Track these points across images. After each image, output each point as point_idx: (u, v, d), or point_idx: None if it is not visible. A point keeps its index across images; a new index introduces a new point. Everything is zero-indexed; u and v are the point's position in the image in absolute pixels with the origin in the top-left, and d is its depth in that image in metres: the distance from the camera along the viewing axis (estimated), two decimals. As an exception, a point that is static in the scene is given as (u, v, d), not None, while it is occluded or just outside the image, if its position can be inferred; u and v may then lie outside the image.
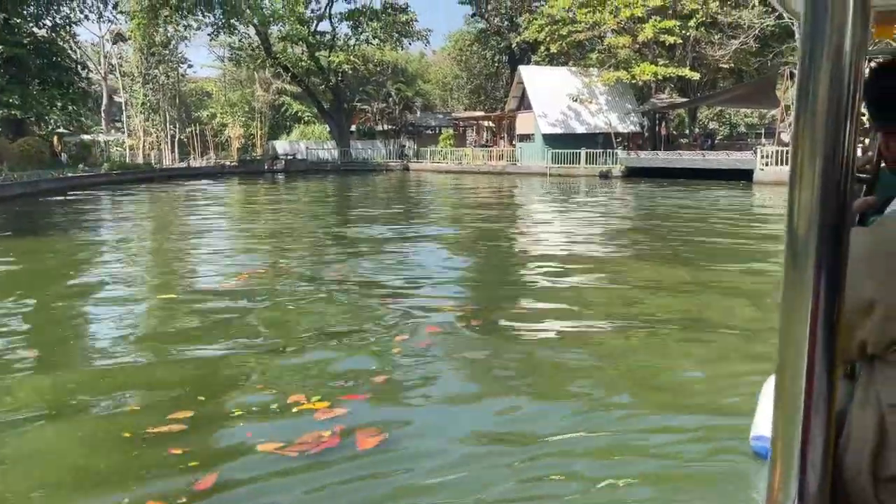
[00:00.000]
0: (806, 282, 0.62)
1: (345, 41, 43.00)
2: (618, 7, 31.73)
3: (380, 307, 7.26)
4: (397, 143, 45.20)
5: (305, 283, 8.63)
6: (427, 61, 74.43)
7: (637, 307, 7.31)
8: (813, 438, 0.65)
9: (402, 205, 21.33)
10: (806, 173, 0.60)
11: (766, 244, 12.25)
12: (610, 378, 5.18)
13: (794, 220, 0.62)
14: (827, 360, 0.63)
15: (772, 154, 26.53)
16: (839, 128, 0.59)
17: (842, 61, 0.58)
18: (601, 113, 36.64)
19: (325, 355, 5.73)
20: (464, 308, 7.24)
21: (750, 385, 4.37)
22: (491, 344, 6.07)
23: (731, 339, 6.06)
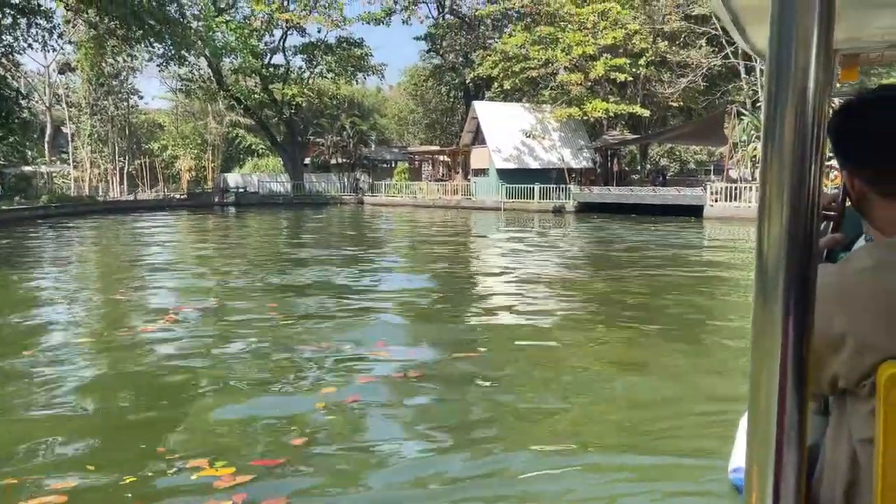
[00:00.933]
0: (775, 317, 0.63)
1: (298, 74, 42.71)
2: (570, 45, 32.16)
3: (310, 354, 6.78)
4: (352, 176, 44.82)
5: (232, 325, 8.09)
6: (384, 96, 74.76)
7: (591, 346, 7.00)
8: (786, 472, 0.66)
9: (350, 241, 20.86)
10: (774, 210, 0.62)
11: (717, 275, 12.23)
12: (567, 422, 4.82)
13: (763, 256, 0.63)
14: (798, 394, 0.64)
15: (721, 190, 26.91)
16: (805, 166, 0.61)
17: (806, 101, 0.60)
18: (554, 149, 36.92)
19: (239, 411, 5.22)
20: (403, 355, 6.81)
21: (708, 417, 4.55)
22: (430, 394, 5.65)
23: (692, 378, 5.78)
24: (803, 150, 0.61)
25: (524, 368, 6.48)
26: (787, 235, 0.62)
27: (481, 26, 43.97)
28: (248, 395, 5.63)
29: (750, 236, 20.89)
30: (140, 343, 7.29)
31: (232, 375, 6.12)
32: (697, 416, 5.10)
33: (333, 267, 13.70)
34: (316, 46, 42.14)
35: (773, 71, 0.61)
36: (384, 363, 6.52)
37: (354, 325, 8.22)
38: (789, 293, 0.63)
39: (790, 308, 0.63)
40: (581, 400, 5.52)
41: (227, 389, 5.74)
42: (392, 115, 66.27)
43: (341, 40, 42.26)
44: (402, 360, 6.58)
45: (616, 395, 5.65)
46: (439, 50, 46.63)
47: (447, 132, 52.05)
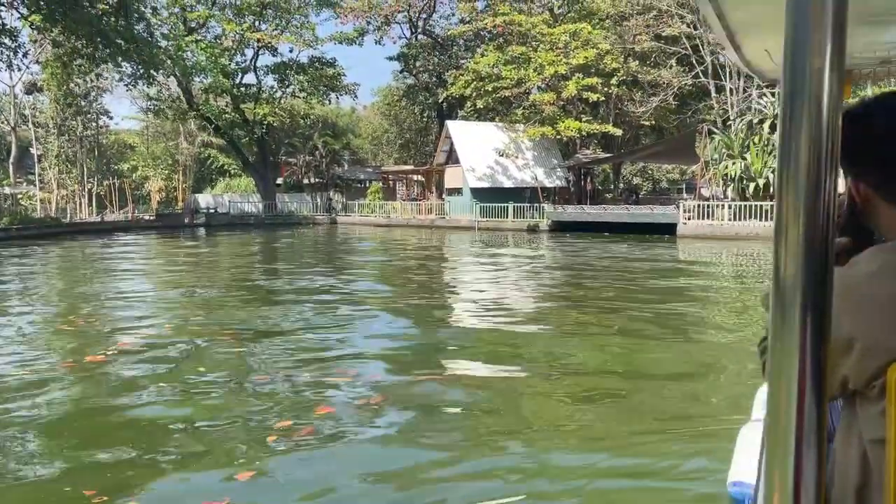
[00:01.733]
0: (793, 324, 0.65)
1: (270, 94, 42.36)
2: (542, 65, 32.25)
3: (266, 384, 6.41)
4: (325, 196, 44.42)
5: (184, 354, 7.69)
6: (358, 116, 74.71)
7: (567, 365, 6.72)
8: (806, 476, 0.67)
9: (320, 262, 20.47)
10: (790, 223, 0.64)
11: (694, 292, 12.08)
12: (542, 449, 4.51)
13: (781, 266, 0.65)
14: (816, 401, 0.66)
15: (693, 208, 26.98)
16: (820, 179, 0.63)
17: (821, 116, 0.62)
18: (528, 167, 36.91)
19: (180, 446, 4.84)
20: (366, 380, 6.46)
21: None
22: (392, 423, 5.31)
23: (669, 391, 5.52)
24: (818, 163, 0.63)
25: (496, 392, 6.17)
26: (803, 246, 0.63)
27: (454, 46, 44.09)
28: (193, 429, 5.25)
29: (723, 254, 20.91)
30: (84, 374, 6.86)
31: (176, 408, 5.73)
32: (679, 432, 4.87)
33: (299, 290, 13.32)
34: (288, 66, 41.87)
35: (788, 87, 0.63)
36: (346, 390, 6.18)
37: (318, 350, 7.86)
38: (807, 300, 0.65)
39: (807, 314, 0.65)
40: (557, 420, 5.23)
41: (170, 422, 5.35)
42: (366, 135, 66.11)
43: (314, 60, 42.06)
44: (366, 386, 6.26)
45: (588, 422, 5.37)
46: (412, 70, 46.62)
47: (421, 151, 51.98)
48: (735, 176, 25.89)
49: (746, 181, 25.68)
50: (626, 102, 35.28)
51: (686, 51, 31.37)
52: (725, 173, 26.36)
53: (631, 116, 35.67)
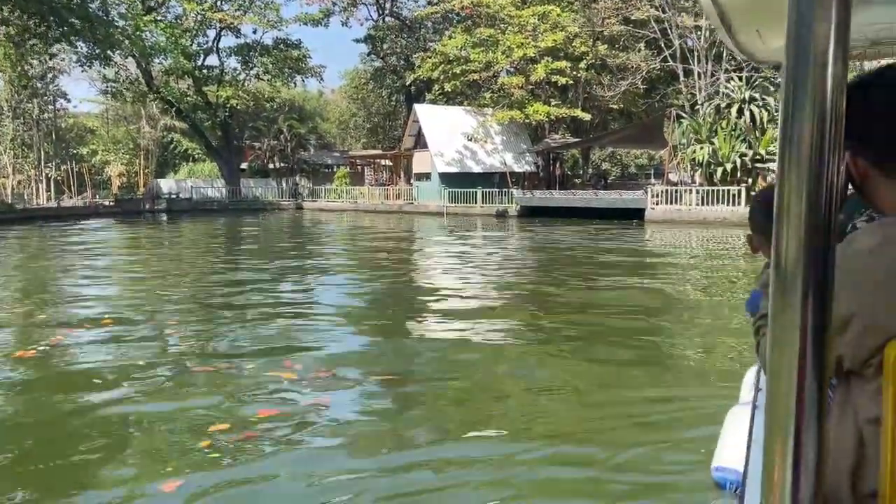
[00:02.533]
0: (795, 303, 0.65)
1: (233, 76, 41.31)
2: (510, 47, 31.82)
3: (207, 381, 5.97)
4: (291, 181, 43.58)
5: (125, 346, 7.20)
6: (325, 99, 73.62)
7: (534, 357, 6.39)
8: (806, 455, 0.68)
9: (280, 249, 19.92)
10: (793, 206, 0.64)
11: (662, 276, 11.87)
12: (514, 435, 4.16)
13: (782, 248, 0.66)
14: (816, 379, 0.67)
15: (661, 193, 26.89)
16: (823, 161, 0.63)
17: (825, 98, 0.62)
18: (497, 152, 36.55)
19: (107, 450, 4.40)
20: (320, 378, 6.04)
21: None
22: (339, 427, 4.92)
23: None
24: (822, 144, 0.63)
25: (457, 389, 5.81)
26: (805, 228, 0.64)
27: (422, 29, 43.42)
28: (121, 431, 4.81)
29: (691, 238, 20.82)
30: (12, 369, 6.35)
31: (105, 407, 5.28)
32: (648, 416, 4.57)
33: (254, 279, 12.82)
34: (251, 48, 40.85)
35: (791, 68, 0.63)
36: (294, 388, 5.76)
37: (270, 342, 7.43)
38: (808, 284, 0.64)
39: (809, 293, 0.64)
40: (529, 408, 4.89)
41: (96, 424, 4.90)
42: (334, 119, 65.13)
43: (278, 41, 41.07)
44: (315, 384, 5.86)
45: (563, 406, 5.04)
46: (380, 52, 45.86)
47: (390, 136, 51.31)
48: (703, 161, 25.81)
49: (714, 166, 25.62)
50: (594, 86, 35.03)
51: (655, 34, 31.18)
52: (693, 158, 26.28)
53: (600, 101, 35.44)
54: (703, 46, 29.98)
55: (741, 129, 25.50)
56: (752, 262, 15.95)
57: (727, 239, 19.95)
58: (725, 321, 8.63)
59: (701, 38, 29.87)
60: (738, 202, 24.45)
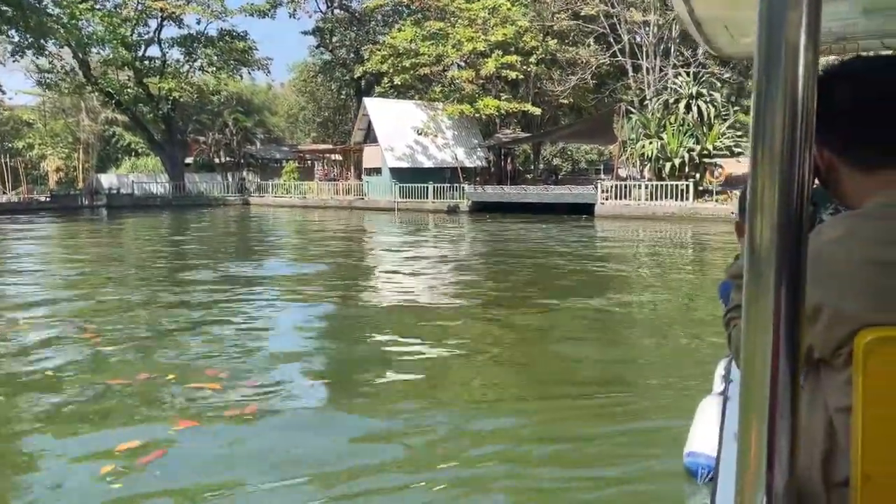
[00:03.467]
0: (768, 293, 0.66)
1: (176, 68, 39.99)
2: (460, 41, 31.51)
3: (120, 391, 5.47)
4: (238, 176, 42.47)
5: (32, 353, 6.62)
6: (275, 93, 72.27)
7: (492, 352, 6.06)
8: (779, 442, 0.69)
9: (218, 246, 19.23)
10: (766, 201, 0.65)
11: (610, 271, 11.70)
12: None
13: (756, 238, 0.66)
14: (790, 368, 0.68)
15: (611, 188, 26.96)
16: (794, 152, 0.64)
17: (796, 93, 0.63)
18: (448, 147, 36.25)
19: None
20: (247, 385, 5.61)
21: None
22: (265, 441, 4.50)
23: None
24: (793, 136, 0.64)
25: (396, 393, 5.45)
26: (778, 219, 0.65)
27: (372, 21, 42.77)
28: (18, 453, 4.31)
29: (639, 232, 20.87)
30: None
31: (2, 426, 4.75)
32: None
33: (187, 280, 12.23)
34: (195, 38, 39.59)
35: (763, 62, 0.64)
36: (216, 398, 5.32)
37: (196, 347, 6.94)
38: (781, 273, 0.65)
39: (782, 283, 0.65)
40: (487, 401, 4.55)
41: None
42: (283, 113, 63.93)
43: (223, 32, 39.90)
44: (242, 391, 5.44)
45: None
46: (329, 45, 45.03)
47: (340, 130, 50.45)
48: (651, 156, 25.96)
49: (662, 161, 25.78)
50: (545, 81, 34.97)
51: (604, 29, 31.25)
52: (642, 153, 26.40)
53: (550, 96, 35.41)
54: (651, 42, 30.17)
55: (689, 125, 25.71)
56: (701, 252, 16.03)
57: (675, 233, 20.05)
58: (683, 313, 8.47)
59: (649, 33, 30.06)
60: (685, 197, 24.65)
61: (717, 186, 25.49)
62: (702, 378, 6.02)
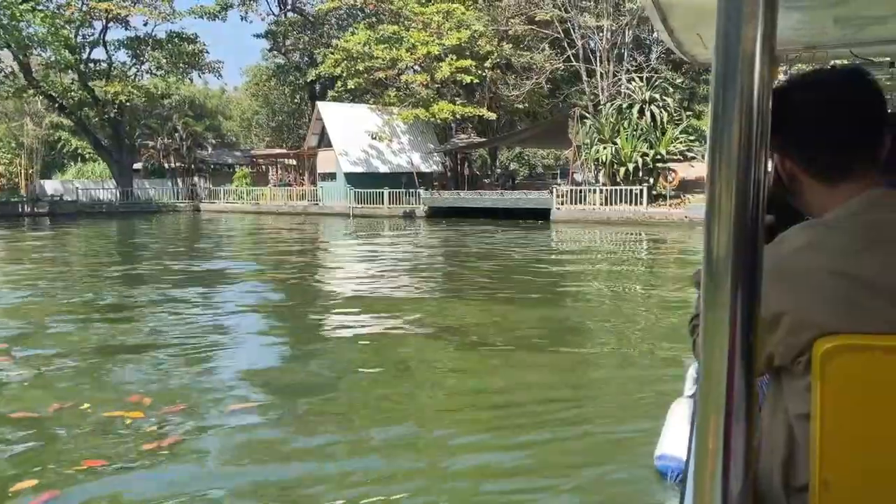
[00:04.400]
0: (725, 299, 0.67)
1: (122, 70, 38.82)
2: (414, 45, 31.20)
3: (26, 424, 4.99)
4: (188, 181, 41.40)
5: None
6: (228, 97, 70.96)
7: (451, 363, 5.73)
8: (735, 448, 0.69)
9: (160, 256, 18.54)
10: (723, 206, 0.66)
11: (564, 275, 11.51)
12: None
13: (713, 243, 0.67)
14: (746, 373, 0.68)
15: (566, 193, 26.92)
16: (751, 160, 0.65)
17: (753, 100, 0.64)
18: (404, 152, 35.90)
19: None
20: (168, 413, 5.17)
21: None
22: (181, 481, 4.09)
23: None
24: (749, 144, 0.65)
25: (336, 418, 5.07)
26: (735, 224, 0.66)
27: (326, 25, 42.19)
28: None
29: (596, 237, 20.81)
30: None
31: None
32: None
33: (118, 293, 11.63)
34: (143, 41, 38.51)
35: (720, 70, 0.65)
36: (133, 427, 4.88)
37: (117, 374, 6.45)
38: (738, 278, 0.66)
39: (738, 289, 0.66)
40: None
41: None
42: (237, 118, 62.75)
43: (172, 35, 38.88)
44: (161, 420, 5.00)
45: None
46: (282, 48, 44.30)
47: (296, 135, 49.65)
48: (606, 160, 25.99)
49: (617, 165, 25.84)
50: (500, 86, 34.87)
51: (558, 34, 31.28)
52: (596, 158, 26.43)
53: (505, 101, 35.33)
54: (605, 47, 30.30)
55: (643, 129, 25.83)
56: (655, 255, 15.98)
57: (630, 237, 20.02)
58: (638, 316, 8.27)
59: (603, 38, 30.18)
60: (640, 201, 24.73)
61: (670, 191, 25.63)
62: (657, 379, 5.88)
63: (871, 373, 1.03)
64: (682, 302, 9.92)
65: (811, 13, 2.19)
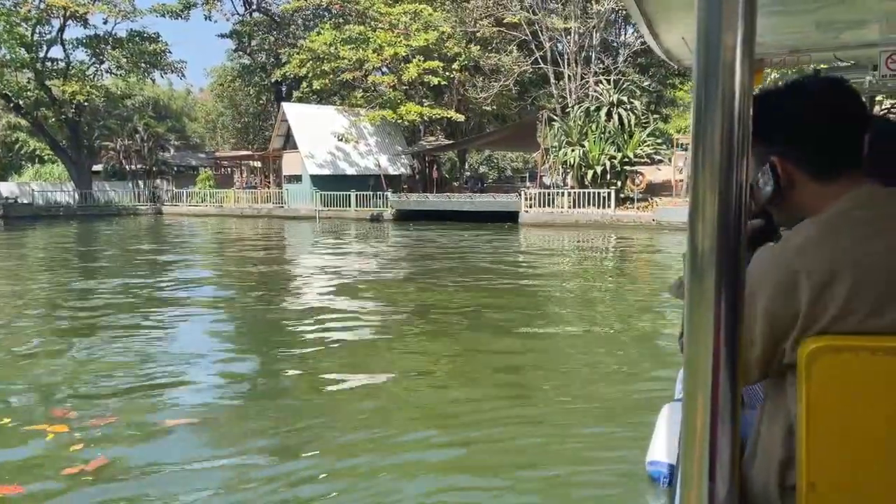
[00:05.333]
0: (709, 300, 0.68)
1: (80, 70, 37.76)
2: (381, 45, 30.82)
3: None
4: (150, 184, 40.39)
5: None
6: (194, 98, 69.78)
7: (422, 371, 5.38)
8: (720, 451, 0.70)
9: (112, 259, 17.91)
10: (708, 207, 0.67)
11: (528, 279, 11.24)
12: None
13: (698, 245, 0.68)
14: (731, 374, 0.69)
15: (534, 196, 26.75)
16: (732, 162, 0.66)
17: (734, 105, 0.65)
18: (371, 154, 35.47)
19: None
20: (97, 431, 4.75)
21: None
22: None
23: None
24: (731, 147, 0.66)
25: (289, 442, 4.69)
26: (718, 226, 0.67)
27: (292, 25, 41.57)
28: None
29: (563, 240, 20.63)
30: None
31: None
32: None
33: (61, 298, 11.08)
34: (102, 39, 37.47)
35: (701, 75, 0.66)
36: (55, 449, 4.46)
37: (48, 383, 5.99)
38: (721, 278, 0.67)
39: (722, 293, 0.67)
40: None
41: None
42: (202, 119, 61.64)
43: (133, 34, 37.90)
44: (89, 440, 4.58)
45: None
46: (247, 49, 43.55)
47: (262, 136, 48.82)
48: (574, 163, 25.88)
49: (585, 168, 25.74)
50: (468, 88, 34.63)
51: (526, 36, 31.15)
52: (564, 160, 26.30)
53: (474, 103, 35.10)
54: (572, 50, 30.23)
55: (610, 132, 25.76)
56: (622, 260, 15.82)
57: (598, 240, 19.87)
58: (608, 321, 8.02)
59: (571, 41, 30.11)
60: (608, 204, 24.65)
61: (637, 194, 25.59)
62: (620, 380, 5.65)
63: (856, 373, 1.04)
64: (651, 304, 9.71)
65: (793, 18, 2.21)
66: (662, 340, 7.22)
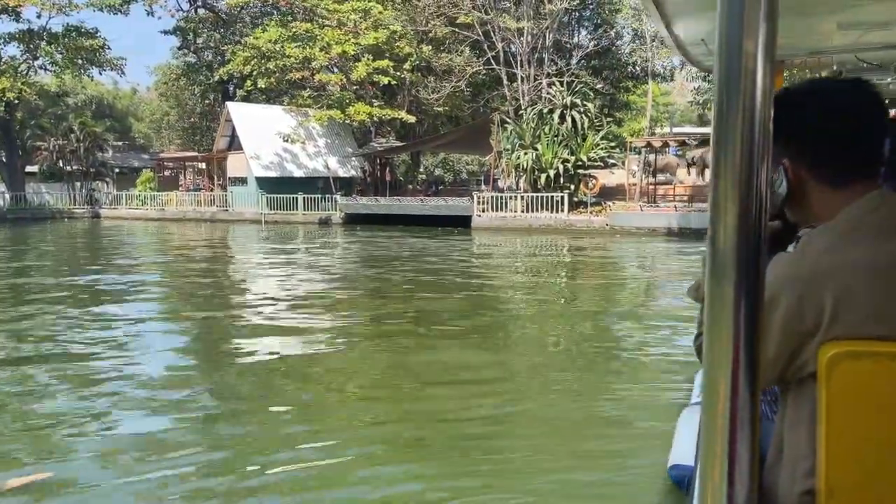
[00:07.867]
0: (728, 303, 0.68)
1: (11, 66, 35.84)
2: (329, 43, 29.83)
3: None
4: (87, 186, 38.56)
5: None
6: (140, 97, 67.58)
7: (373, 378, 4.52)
8: (739, 456, 0.69)
9: (34, 271, 16.64)
10: (729, 210, 0.67)
11: (485, 285, 10.54)
12: None
13: (718, 246, 0.68)
14: (750, 380, 0.68)
15: (488, 200, 26.11)
16: (753, 165, 0.66)
17: (755, 107, 0.65)
18: (320, 156, 34.40)
19: None
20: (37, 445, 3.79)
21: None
22: None
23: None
24: (752, 150, 0.66)
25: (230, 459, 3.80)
26: (738, 228, 0.67)
27: (238, 22, 40.24)
28: None
29: (516, 245, 20.00)
30: None
31: None
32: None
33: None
34: (36, 34, 35.64)
35: (722, 77, 0.66)
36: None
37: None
38: (741, 281, 0.67)
39: (741, 298, 0.67)
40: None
41: None
42: (147, 119, 59.59)
43: (69, 29, 36.12)
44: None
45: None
46: (192, 46, 42.05)
47: (208, 137, 47.27)
48: (527, 167, 25.31)
49: (538, 172, 25.19)
50: (420, 89, 33.82)
51: (479, 37, 30.51)
52: (518, 164, 25.71)
53: (426, 104, 34.30)
54: (525, 51, 29.68)
55: (563, 135, 25.25)
56: (575, 265, 15.23)
57: (550, 245, 19.29)
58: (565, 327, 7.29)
59: (523, 41, 29.56)
60: (561, 209, 24.13)
61: (591, 198, 25.11)
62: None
63: (876, 379, 1.04)
64: (596, 310, 9.08)
65: (815, 19, 2.23)
66: (601, 346, 6.53)
